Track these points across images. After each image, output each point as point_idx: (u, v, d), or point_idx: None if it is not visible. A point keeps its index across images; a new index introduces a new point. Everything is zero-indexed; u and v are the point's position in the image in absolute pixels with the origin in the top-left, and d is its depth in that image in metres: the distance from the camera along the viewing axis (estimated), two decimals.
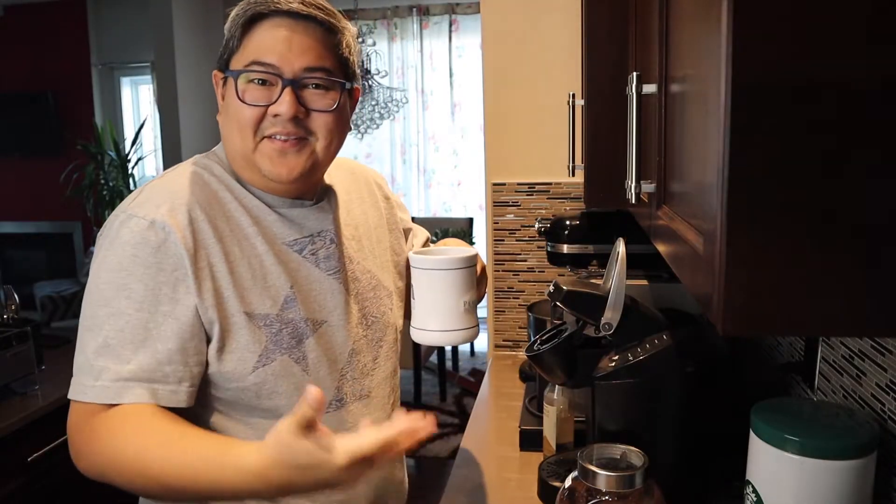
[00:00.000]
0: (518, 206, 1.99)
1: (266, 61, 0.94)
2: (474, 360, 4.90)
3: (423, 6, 5.19)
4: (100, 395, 0.90)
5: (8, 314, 2.08)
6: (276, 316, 0.99)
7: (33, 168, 5.83)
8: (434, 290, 0.91)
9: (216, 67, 1.01)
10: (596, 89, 1.30)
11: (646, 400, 1.05)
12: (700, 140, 0.58)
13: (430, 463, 3.43)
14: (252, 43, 0.95)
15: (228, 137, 1.00)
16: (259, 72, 0.94)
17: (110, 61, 5.79)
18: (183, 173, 1.01)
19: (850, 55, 0.46)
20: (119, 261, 0.91)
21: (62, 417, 2.06)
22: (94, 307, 0.92)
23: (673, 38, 0.75)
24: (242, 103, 0.95)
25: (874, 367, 0.89)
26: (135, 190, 1.02)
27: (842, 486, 0.78)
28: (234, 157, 1.01)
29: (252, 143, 0.96)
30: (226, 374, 0.96)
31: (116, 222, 0.94)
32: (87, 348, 0.91)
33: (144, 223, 0.92)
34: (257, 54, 0.94)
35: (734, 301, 0.50)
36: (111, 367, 0.89)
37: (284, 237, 1.02)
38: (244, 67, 0.95)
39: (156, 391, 0.90)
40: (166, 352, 0.91)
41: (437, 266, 0.93)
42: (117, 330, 0.90)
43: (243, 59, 0.95)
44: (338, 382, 1.06)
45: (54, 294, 5.09)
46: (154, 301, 0.91)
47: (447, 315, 0.95)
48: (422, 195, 5.42)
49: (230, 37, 0.97)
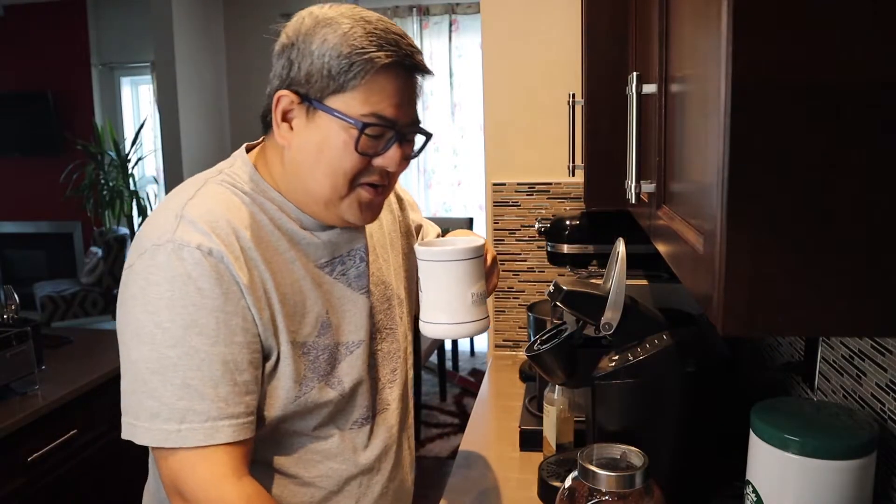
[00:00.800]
0: (518, 206, 1.99)
1: (387, 116, 0.88)
2: (474, 360, 4.90)
3: (423, 6, 5.19)
4: (187, 439, 0.83)
5: (8, 314, 2.08)
6: (313, 343, 0.96)
7: (33, 168, 5.83)
8: (441, 281, 0.89)
9: (290, 88, 0.90)
10: (596, 89, 1.30)
11: (646, 400, 1.05)
12: (700, 140, 0.58)
13: (430, 463, 3.44)
14: (373, 92, 0.87)
15: (306, 175, 0.91)
16: (380, 126, 0.88)
17: (110, 61, 5.79)
18: (215, 194, 0.92)
19: (849, 55, 0.46)
20: (182, 296, 0.84)
21: (62, 417, 2.06)
22: (161, 348, 0.83)
23: (673, 38, 0.75)
24: (356, 153, 0.88)
25: (874, 367, 0.89)
26: (158, 210, 0.92)
27: (842, 486, 0.78)
28: (300, 192, 0.94)
29: (345, 191, 0.91)
30: (269, 403, 0.93)
31: (162, 252, 0.85)
32: (162, 393, 0.83)
33: (199, 253, 0.85)
34: (380, 107, 0.87)
35: (734, 301, 0.50)
36: (196, 407, 0.84)
37: (318, 258, 0.98)
38: (363, 118, 0.87)
39: (241, 426, 0.87)
40: (244, 384, 0.87)
41: (444, 257, 0.90)
42: (194, 369, 0.84)
43: (360, 107, 0.87)
44: (367, 401, 1.04)
45: (54, 294, 5.10)
46: (228, 333, 0.86)
47: (455, 307, 0.92)
48: (422, 195, 5.42)
49: (340, 72, 0.86)
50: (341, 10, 0.90)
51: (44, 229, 6.01)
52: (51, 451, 1.93)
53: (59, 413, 1.97)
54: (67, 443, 2.00)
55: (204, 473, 0.84)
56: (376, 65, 0.86)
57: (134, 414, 0.85)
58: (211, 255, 0.85)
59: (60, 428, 1.98)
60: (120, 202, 5.14)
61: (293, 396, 0.94)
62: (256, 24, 5.36)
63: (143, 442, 0.85)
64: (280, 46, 0.92)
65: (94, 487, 2.12)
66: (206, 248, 0.85)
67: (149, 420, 0.84)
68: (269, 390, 0.93)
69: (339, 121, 0.88)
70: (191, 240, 0.85)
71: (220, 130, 5.41)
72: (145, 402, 0.84)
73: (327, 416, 0.99)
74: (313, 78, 0.88)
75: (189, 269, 0.84)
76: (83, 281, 5.38)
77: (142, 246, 0.87)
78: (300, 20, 0.91)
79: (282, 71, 0.91)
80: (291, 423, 0.97)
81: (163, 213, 0.90)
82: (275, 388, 0.93)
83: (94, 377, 2.11)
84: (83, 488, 2.08)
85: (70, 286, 5.31)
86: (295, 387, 0.93)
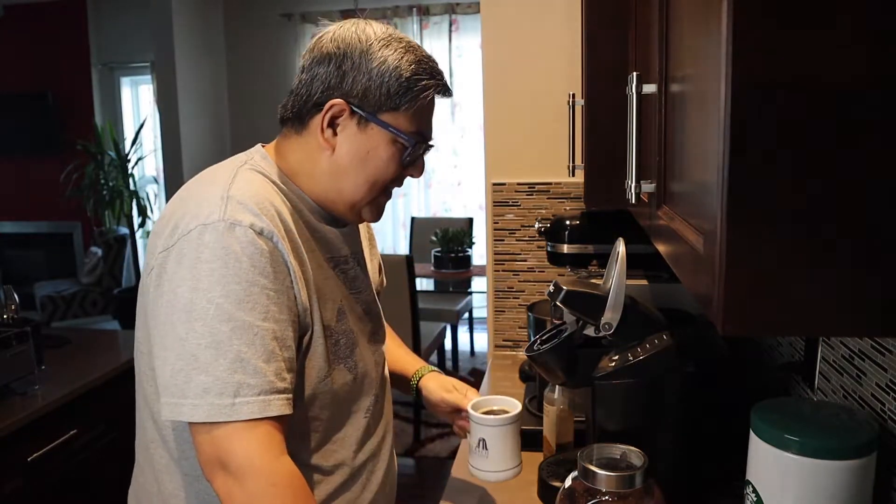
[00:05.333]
0: (518, 206, 1.99)
1: (425, 133, 1.01)
2: (474, 360, 4.90)
3: (423, 6, 5.19)
4: (241, 412, 0.85)
5: (8, 314, 2.08)
6: (335, 328, 1.01)
7: (33, 168, 5.83)
8: (507, 437, 1.13)
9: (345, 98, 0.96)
10: (596, 89, 1.30)
11: (646, 400, 1.05)
12: (700, 140, 0.58)
13: (430, 463, 3.44)
14: (421, 113, 0.99)
15: (347, 180, 0.99)
16: (422, 143, 1.01)
17: (110, 61, 5.79)
18: (253, 179, 0.97)
19: (849, 55, 0.46)
20: (235, 272, 0.86)
21: (62, 417, 2.06)
22: (215, 323, 0.85)
23: (673, 38, 0.75)
24: (399, 166, 1.00)
25: (874, 367, 0.89)
26: (192, 195, 0.95)
27: (842, 486, 0.78)
28: (331, 192, 1.01)
29: (377, 195, 1.02)
30: (303, 383, 0.97)
31: (212, 232, 0.87)
32: (215, 368, 0.85)
33: (252, 232, 0.88)
34: (423, 126, 1.01)
35: (734, 301, 0.50)
36: (249, 381, 0.85)
37: (326, 253, 1.04)
38: (416, 137, 0.99)
39: (288, 401, 0.89)
40: (289, 360, 0.90)
41: (508, 422, 1.12)
42: (248, 344, 0.86)
43: (409, 124, 0.98)
44: (375, 389, 1.11)
45: (54, 294, 5.10)
46: (277, 310, 0.89)
47: (517, 452, 1.16)
48: (422, 195, 5.42)
49: (401, 92, 0.96)
50: (389, 32, 0.99)
51: (44, 229, 6.00)
52: (51, 451, 1.93)
53: (58, 413, 1.97)
54: (67, 443, 2.00)
55: (252, 446, 0.85)
56: (430, 93, 0.98)
57: (180, 393, 0.85)
58: (262, 235, 0.89)
59: (60, 428, 1.98)
60: (120, 202, 5.13)
61: (323, 376, 0.98)
62: (256, 24, 5.36)
63: (193, 419, 0.85)
64: (324, 53, 0.97)
65: (94, 487, 2.12)
66: (258, 228, 0.89)
67: (199, 396, 0.84)
68: (303, 370, 0.96)
69: (391, 135, 0.97)
70: (243, 219, 0.89)
71: (220, 130, 5.41)
72: (196, 378, 0.85)
73: (345, 402, 1.04)
74: (370, 93, 0.96)
75: (243, 246, 0.87)
76: (83, 281, 5.38)
77: (185, 227, 0.89)
78: (351, 33, 0.98)
79: (328, 78, 0.97)
80: (314, 410, 1.00)
81: (203, 195, 0.92)
82: (308, 367, 0.97)
83: (94, 377, 2.11)
84: (83, 488, 2.08)
85: (70, 286, 5.31)
86: (325, 366, 0.98)
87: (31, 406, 1.89)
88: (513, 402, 1.16)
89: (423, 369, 1.30)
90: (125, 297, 4.90)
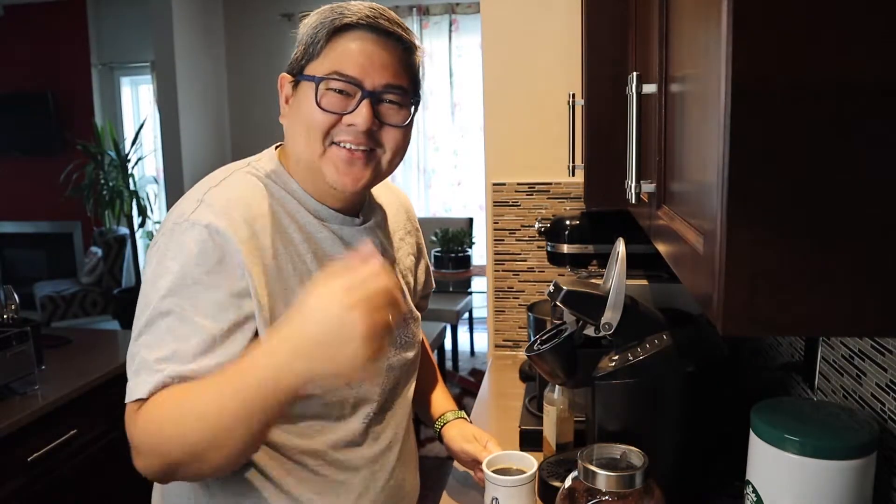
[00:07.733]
0: (518, 206, 1.99)
1: (348, 73, 0.95)
2: (474, 360, 4.89)
3: (423, 6, 5.19)
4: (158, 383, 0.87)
5: (8, 314, 2.08)
6: None
7: (33, 168, 5.83)
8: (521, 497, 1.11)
9: (287, 70, 1.00)
10: (596, 89, 1.30)
11: (646, 400, 1.05)
12: (700, 140, 0.58)
13: (430, 463, 3.43)
14: (335, 53, 0.96)
15: (294, 141, 1.00)
16: (341, 81, 0.95)
17: (110, 61, 5.79)
18: (242, 182, 0.99)
19: (849, 55, 0.46)
20: (183, 271, 0.89)
21: (62, 417, 2.06)
22: (157, 318, 0.89)
23: (673, 38, 0.75)
24: (318, 108, 0.95)
25: (874, 367, 0.89)
26: (190, 192, 0.98)
27: (842, 486, 0.78)
28: (296, 162, 1.01)
29: (320, 149, 0.97)
30: None
31: (178, 230, 0.92)
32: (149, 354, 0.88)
33: (207, 231, 0.90)
34: (340, 65, 0.95)
35: (734, 301, 0.50)
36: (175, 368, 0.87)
37: (333, 252, 1.02)
38: (325, 75, 0.95)
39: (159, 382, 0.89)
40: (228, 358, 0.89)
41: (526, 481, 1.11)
42: (183, 340, 0.88)
43: (324, 67, 0.95)
44: (379, 397, 1.09)
45: (54, 294, 5.10)
46: (222, 311, 0.89)
47: None
48: (422, 195, 5.42)
49: (311, 42, 0.97)
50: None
51: (44, 229, 6.00)
52: (50, 451, 1.93)
53: (58, 413, 1.97)
54: (67, 443, 2.00)
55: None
56: (334, 25, 0.95)
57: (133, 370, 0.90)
58: (218, 234, 0.91)
59: (60, 428, 1.98)
60: (120, 202, 5.13)
61: None
62: (256, 24, 5.36)
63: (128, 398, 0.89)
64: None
65: (94, 487, 2.12)
66: (213, 227, 0.91)
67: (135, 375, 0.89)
68: None
69: (310, 83, 0.96)
70: (202, 219, 0.91)
71: (220, 130, 5.41)
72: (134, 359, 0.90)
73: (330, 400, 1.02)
74: (297, 56, 0.99)
75: (195, 246, 0.90)
76: (83, 281, 5.38)
77: (164, 226, 0.94)
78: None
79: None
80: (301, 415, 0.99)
81: (188, 197, 0.97)
82: None
83: (93, 377, 2.11)
84: (83, 488, 2.08)
85: (70, 286, 5.31)
86: None
87: (30, 406, 1.89)
88: (529, 459, 1.15)
89: (448, 415, 1.31)
90: (125, 297, 4.90)
